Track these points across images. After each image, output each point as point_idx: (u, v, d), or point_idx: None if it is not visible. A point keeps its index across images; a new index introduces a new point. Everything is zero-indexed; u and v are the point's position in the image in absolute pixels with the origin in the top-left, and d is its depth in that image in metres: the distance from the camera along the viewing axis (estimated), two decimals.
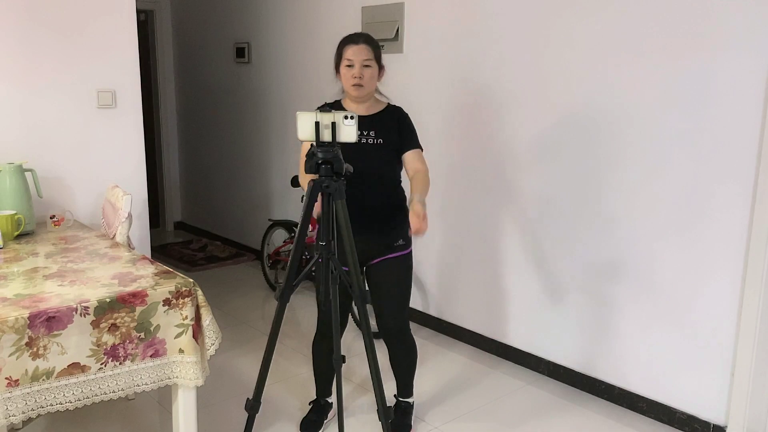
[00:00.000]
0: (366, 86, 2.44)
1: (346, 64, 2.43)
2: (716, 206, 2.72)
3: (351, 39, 2.47)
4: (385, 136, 2.48)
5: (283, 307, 2.04)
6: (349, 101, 2.55)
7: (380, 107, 2.56)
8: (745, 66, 2.57)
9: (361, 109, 2.52)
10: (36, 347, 2.05)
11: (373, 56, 2.44)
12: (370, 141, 2.47)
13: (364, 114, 2.51)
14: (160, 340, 2.31)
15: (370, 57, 2.43)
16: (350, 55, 2.42)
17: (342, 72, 2.47)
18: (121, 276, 2.41)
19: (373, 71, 2.45)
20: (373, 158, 2.45)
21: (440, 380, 3.39)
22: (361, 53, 2.40)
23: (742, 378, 2.72)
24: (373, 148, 2.47)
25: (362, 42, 2.44)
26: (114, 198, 3.11)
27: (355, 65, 2.40)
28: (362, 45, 2.43)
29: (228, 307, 4.42)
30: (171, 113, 6.32)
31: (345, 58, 2.44)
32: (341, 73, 2.48)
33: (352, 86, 2.43)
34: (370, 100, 2.54)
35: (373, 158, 2.45)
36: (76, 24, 3.36)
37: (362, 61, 2.40)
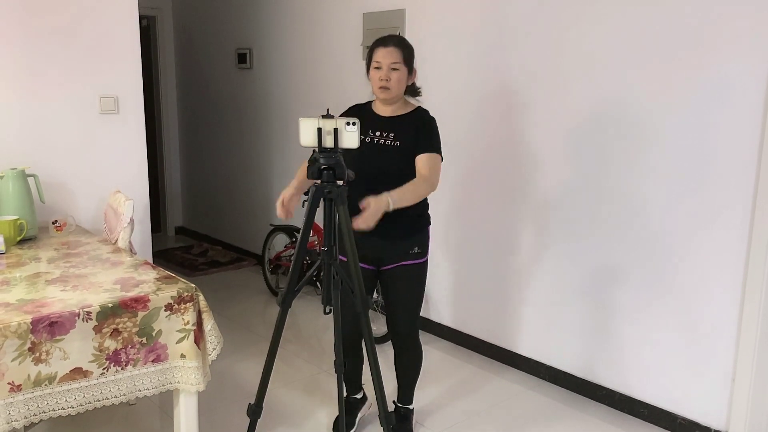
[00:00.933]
0: (393, 89, 2.42)
1: (375, 66, 2.42)
2: (718, 212, 2.72)
3: (381, 41, 2.45)
4: (403, 139, 2.46)
5: (285, 313, 2.05)
6: (378, 103, 2.55)
7: (408, 110, 2.54)
8: (749, 70, 2.58)
9: (388, 111, 2.52)
10: (38, 352, 2.05)
11: (401, 59, 2.42)
12: (389, 143, 2.46)
13: (389, 115, 2.51)
14: (162, 345, 2.31)
15: (399, 60, 2.40)
16: (379, 57, 2.41)
17: (371, 75, 2.46)
18: (123, 281, 2.42)
19: (401, 74, 2.42)
20: (391, 160, 2.43)
21: (440, 385, 3.39)
22: (390, 56, 2.39)
23: (742, 383, 2.72)
24: (391, 150, 2.46)
25: (392, 45, 2.42)
26: (116, 203, 3.12)
27: (383, 67, 2.39)
28: (391, 47, 2.41)
29: (229, 312, 4.42)
30: (172, 118, 6.33)
31: (374, 60, 2.43)
32: (370, 76, 2.47)
33: (379, 89, 2.42)
34: (399, 102, 2.52)
35: (392, 160, 2.43)
36: (79, 30, 3.37)
37: (390, 64, 2.39)
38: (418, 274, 2.61)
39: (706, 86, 2.70)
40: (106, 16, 3.43)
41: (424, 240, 2.60)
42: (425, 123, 2.52)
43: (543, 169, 3.33)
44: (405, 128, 2.47)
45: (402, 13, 3.92)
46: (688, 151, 2.78)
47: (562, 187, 3.26)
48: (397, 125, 2.45)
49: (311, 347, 3.87)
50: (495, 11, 3.44)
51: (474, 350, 3.80)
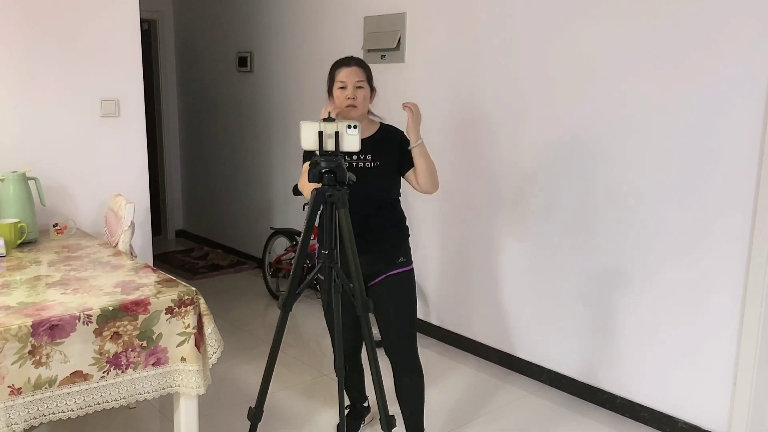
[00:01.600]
0: (359, 107, 2.44)
1: (339, 86, 2.44)
2: (718, 217, 2.72)
3: (343, 62, 2.49)
4: (382, 159, 2.47)
5: (285, 316, 2.05)
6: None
7: (374, 128, 2.55)
8: (746, 77, 2.58)
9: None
10: (39, 355, 2.05)
11: (365, 78, 2.46)
12: (367, 165, 2.46)
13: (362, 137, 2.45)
14: (162, 348, 2.31)
15: (363, 78, 2.45)
16: (343, 77, 2.44)
17: (335, 94, 2.47)
18: (123, 284, 2.42)
19: (366, 92, 2.46)
20: (370, 182, 2.42)
21: (440, 389, 3.39)
22: (354, 75, 2.43)
23: (744, 387, 2.72)
24: (370, 172, 2.45)
25: (354, 64, 2.47)
26: (117, 206, 3.12)
27: (348, 86, 2.42)
28: (354, 67, 2.45)
29: (230, 315, 4.42)
30: (173, 122, 6.34)
31: (338, 80, 2.45)
32: (335, 95, 2.48)
33: (346, 107, 2.43)
34: (364, 121, 2.52)
35: (371, 182, 2.42)
36: (80, 34, 3.38)
37: (355, 83, 2.42)
38: (407, 282, 2.58)
39: (705, 90, 2.70)
40: (107, 19, 3.43)
41: (407, 249, 2.61)
42: (402, 138, 2.53)
43: (544, 172, 3.33)
44: (383, 148, 2.48)
45: (403, 16, 3.93)
46: (689, 155, 2.78)
47: (562, 189, 3.26)
48: (372, 146, 2.46)
49: (312, 351, 3.87)
50: (496, 15, 3.44)
51: (474, 354, 3.80)
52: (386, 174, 2.48)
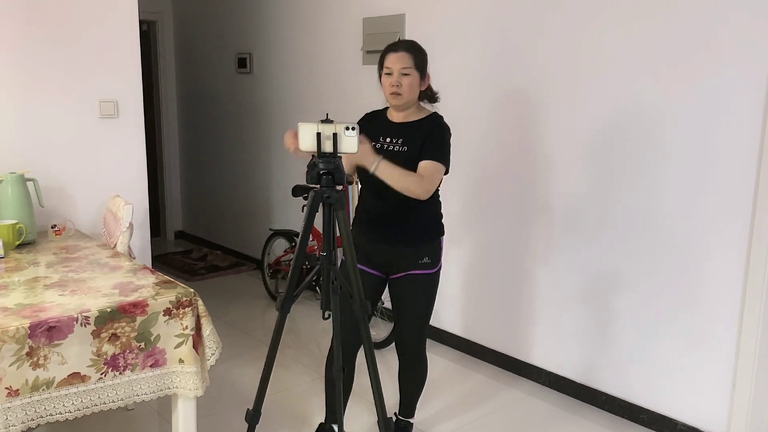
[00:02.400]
0: (405, 95, 2.37)
1: (386, 72, 2.38)
2: (718, 217, 2.72)
3: (391, 47, 2.42)
4: (410, 144, 2.41)
5: (283, 318, 2.04)
6: (392, 109, 2.51)
7: (422, 115, 2.48)
8: (746, 79, 2.58)
9: (399, 117, 2.48)
10: (36, 357, 2.05)
11: (413, 64, 2.37)
12: (397, 149, 2.41)
13: (401, 121, 2.47)
14: (161, 350, 2.31)
15: (410, 65, 2.36)
16: (389, 62, 2.37)
17: (383, 81, 2.42)
18: (121, 286, 2.41)
19: (413, 79, 2.37)
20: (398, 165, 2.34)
21: (442, 391, 3.38)
22: (400, 61, 2.35)
23: (743, 389, 2.72)
24: (399, 155, 2.40)
25: (402, 49, 2.38)
26: (115, 208, 3.11)
27: (393, 73, 2.36)
28: (402, 52, 2.37)
29: (228, 317, 4.41)
30: (172, 123, 6.33)
31: (385, 66, 2.39)
32: (382, 83, 2.43)
33: (390, 95, 2.38)
34: (412, 108, 2.47)
35: (398, 165, 2.34)
36: (79, 34, 3.38)
37: (400, 69, 2.34)
38: (428, 284, 2.54)
39: (708, 93, 2.70)
40: (106, 20, 3.43)
41: (435, 250, 2.53)
42: (435, 130, 2.44)
43: (548, 177, 3.33)
44: (414, 134, 2.41)
45: (402, 18, 3.93)
46: (691, 159, 2.78)
47: (566, 193, 3.26)
48: (406, 131, 2.41)
49: (310, 352, 3.86)
50: (499, 17, 3.44)
51: (475, 356, 3.79)
52: (411, 160, 2.37)
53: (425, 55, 2.44)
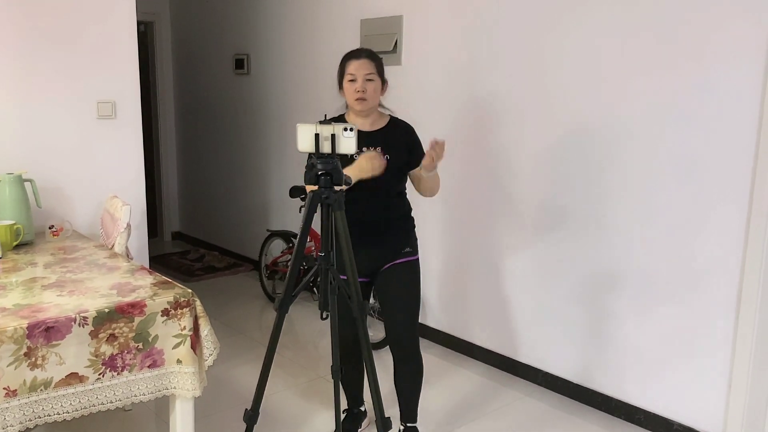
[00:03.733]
0: (369, 100, 2.44)
1: (349, 78, 2.43)
2: (714, 216, 2.73)
3: (353, 54, 2.48)
4: (392, 153, 2.48)
5: (282, 318, 2.05)
6: (353, 116, 2.54)
7: (384, 121, 2.56)
8: (740, 78, 2.59)
9: (366, 124, 2.51)
10: (34, 357, 2.05)
11: (375, 70, 2.45)
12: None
13: (368, 129, 2.51)
14: (159, 350, 2.31)
15: (373, 71, 2.44)
16: (352, 69, 2.42)
17: (345, 87, 2.47)
18: (119, 286, 2.42)
19: (376, 85, 2.45)
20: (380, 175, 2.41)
21: (436, 391, 3.39)
22: (364, 67, 2.42)
23: (739, 389, 2.73)
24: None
25: (364, 56, 2.45)
26: (113, 208, 3.12)
27: (357, 79, 2.40)
28: (364, 59, 2.44)
29: (226, 317, 4.41)
30: (169, 124, 6.33)
31: (347, 73, 2.44)
32: (344, 88, 2.48)
33: (356, 100, 2.42)
34: (374, 114, 2.53)
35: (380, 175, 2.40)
36: (77, 35, 3.38)
37: (365, 75, 2.41)
38: (412, 271, 2.62)
39: (700, 91, 2.71)
40: (104, 21, 3.43)
41: (413, 240, 2.65)
42: (411, 135, 2.57)
43: (540, 174, 3.34)
44: (392, 141, 2.50)
45: (399, 19, 3.94)
46: (684, 158, 2.79)
47: (558, 191, 3.27)
48: (383, 139, 2.47)
49: (308, 353, 3.87)
50: (494, 17, 3.45)
51: (470, 356, 3.80)
52: (395, 167, 2.48)
53: (383, 63, 2.54)
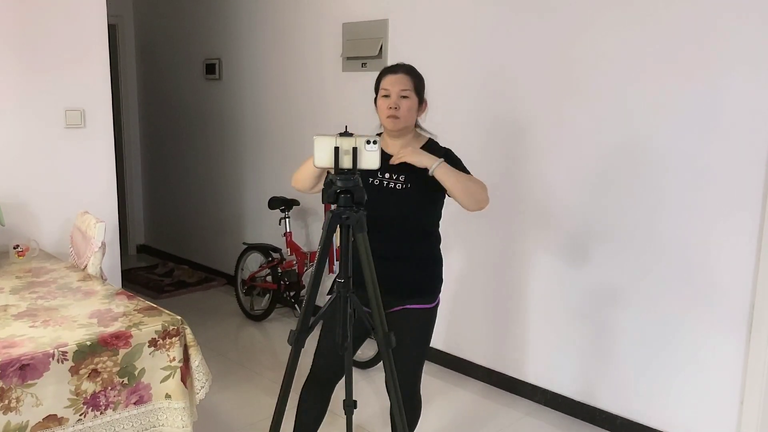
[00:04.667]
0: (403, 118, 2.20)
1: (383, 94, 2.22)
2: (724, 231, 2.66)
3: (390, 69, 2.28)
4: (415, 181, 2.22)
5: (297, 353, 1.84)
6: (387, 137, 2.30)
7: (420, 143, 2.31)
8: (752, 85, 2.53)
9: (396, 147, 2.26)
10: (7, 400, 1.83)
11: (412, 87, 2.23)
12: (399, 186, 2.22)
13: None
14: (145, 385, 2.11)
15: (409, 87, 2.21)
16: (387, 84, 2.22)
17: (378, 103, 2.25)
18: (99, 314, 2.20)
19: (412, 103, 2.22)
20: (400, 205, 2.19)
21: (433, 412, 3.24)
22: (399, 83, 2.21)
23: (751, 406, 2.65)
24: (399, 194, 2.21)
25: (402, 71, 2.24)
26: (85, 226, 2.87)
27: (391, 95, 2.20)
28: (401, 74, 2.23)
29: (201, 337, 4.14)
30: (134, 132, 6.05)
31: (382, 88, 2.24)
32: (378, 105, 2.26)
33: (387, 118, 2.21)
34: (409, 135, 2.29)
35: (401, 206, 2.19)
36: (42, 39, 3.14)
37: (399, 92, 2.19)
38: (425, 320, 2.32)
39: (710, 100, 2.64)
40: (72, 23, 3.20)
41: (434, 282, 2.34)
42: (449, 157, 2.27)
43: (539, 188, 3.23)
44: (417, 169, 2.19)
45: (385, 23, 3.79)
46: (691, 171, 2.72)
47: (558, 206, 3.17)
48: (407, 166, 2.17)
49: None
50: (482, 20, 3.34)
51: (468, 375, 3.66)
52: (418, 198, 2.21)
53: (423, 80, 2.31)
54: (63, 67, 3.21)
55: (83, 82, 3.28)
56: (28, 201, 3.19)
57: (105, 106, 3.36)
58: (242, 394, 3.38)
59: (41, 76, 3.16)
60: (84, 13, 3.23)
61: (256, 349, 4.06)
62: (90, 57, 3.28)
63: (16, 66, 3.09)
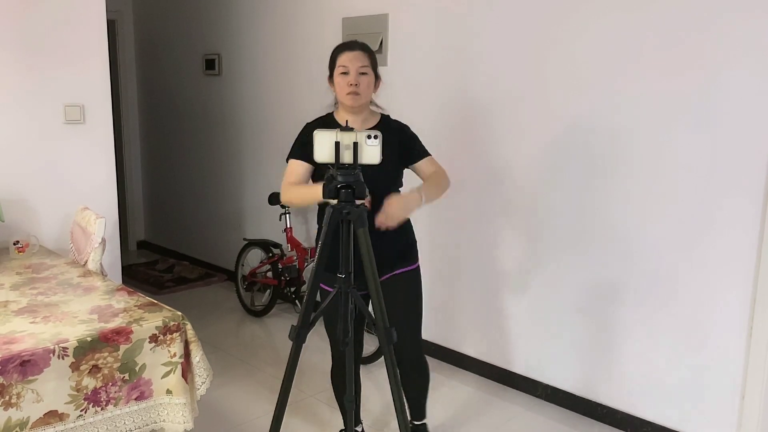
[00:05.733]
0: (362, 95, 2.27)
1: (341, 71, 2.26)
2: (724, 222, 2.65)
3: (346, 45, 2.32)
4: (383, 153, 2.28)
5: (299, 349, 1.84)
6: (343, 112, 2.36)
7: (375, 120, 2.39)
8: (750, 77, 2.51)
9: (357, 122, 2.34)
10: (8, 396, 1.83)
11: (369, 63, 2.29)
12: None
13: (358, 128, 2.32)
14: (146, 380, 2.11)
15: (367, 63, 2.27)
16: (345, 61, 2.25)
17: (336, 80, 2.29)
18: (99, 310, 2.20)
19: (369, 79, 2.29)
20: (372, 177, 2.20)
21: (431, 407, 3.23)
22: (358, 60, 2.25)
23: (752, 401, 2.65)
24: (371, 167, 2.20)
25: (358, 48, 2.29)
26: (85, 222, 2.87)
27: (350, 72, 2.24)
28: (358, 51, 2.28)
29: (201, 333, 4.14)
30: (133, 127, 6.03)
31: (339, 65, 2.27)
32: (335, 82, 2.30)
33: (347, 95, 2.25)
34: (365, 111, 2.37)
35: (372, 177, 2.20)
36: (42, 35, 3.12)
37: (358, 68, 2.24)
38: (413, 281, 2.47)
39: (707, 92, 2.62)
40: (71, 18, 3.19)
41: (412, 246, 2.51)
42: (405, 132, 2.43)
43: (537, 182, 3.22)
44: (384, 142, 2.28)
45: (385, 18, 3.77)
46: (688, 163, 2.70)
47: (557, 199, 3.16)
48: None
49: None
50: (483, 15, 3.32)
51: (467, 369, 3.65)
52: (388, 169, 2.29)
53: (376, 57, 2.38)
54: (62, 62, 3.19)
55: (82, 78, 3.26)
56: (28, 197, 3.18)
57: (104, 101, 3.34)
58: (243, 390, 3.38)
59: (40, 71, 3.15)
60: (83, 9, 3.21)
61: (256, 344, 4.06)
62: (89, 52, 3.26)
63: (15, 62, 3.08)
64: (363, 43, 2.36)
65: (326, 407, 3.19)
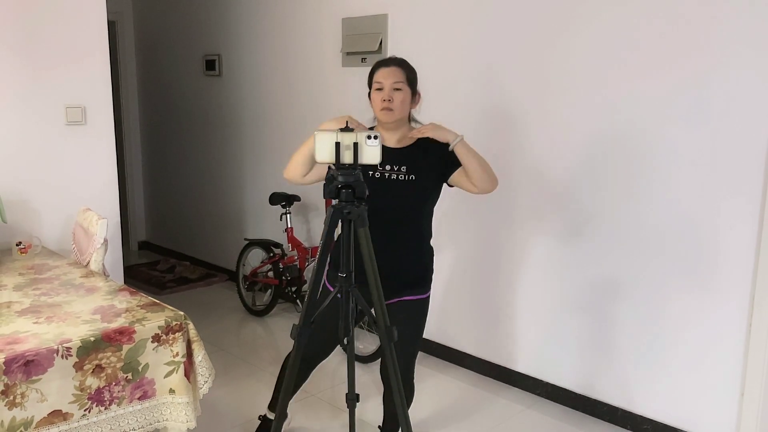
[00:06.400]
0: (396, 111, 2.23)
1: (376, 87, 2.25)
2: (723, 222, 2.66)
3: (383, 62, 2.31)
4: (419, 172, 2.26)
5: (300, 348, 1.86)
6: (381, 129, 2.32)
7: (413, 138, 2.33)
8: (750, 77, 2.53)
9: (392, 139, 2.30)
10: (12, 395, 1.85)
11: (405, 79, 2.26)
12: (401, 177, 2.25)
13: (394, 146, 2.30)
14: (149, 380, 2.13)
15: (401, 79, 2.24)
16: (380, 77, 2.24)
17: (372, 96, 2.28)
18: (102, 310, 2.21)
19: (405, 95, 2.25)
20: (405, 197, 2.22)
21: (434, 406, 3.25)
22: (392, 75, 2.23)
23: (752, 398, 2.66)
24: (402, 186, 2.24)
25: (393, 64, 2.28)
26: (87, 222, 2.88)
27: (384, 88, 2.22)
28: (393, 67, 2.26)
29: (202, 333, 4.16)
30: (134, 128, 6.05)
31: (375, 81, 2.26)
32: (372, 98, 2.29)
33: (381, 110, 2.24)
34: (403, 128, 2.32)
35: (406, 197, 2.22)
36: (43, 36, 3.13)
37: (392, 84, 2.22)
38: (421, 311, 2.39)
39: (707, 93, 2.63)
40: (72, 19, 3.20)
41: (428, 273, 2.41)
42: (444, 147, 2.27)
43: (538, 179, 3.23)
44: (421, 160, 2.27)
45: (384, 18, 3.78)
46: (691, 163, 2.71)
47: (558, 196, 3.17)
48: (409, 156, 2.25)
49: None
50: (484, 16, 3.33)
51: (467, 367, 3.67)
52: (421, 189, 2.26)
53: (416, 73, 2.34)
54: (63, 64, 3.21)
55: (84, 79, 3.27)
56: (30, 198, 3.19)
57: (106, 102, 3.36)
58: (245, 389, 3.40)
59: (42, 73, 3.16)
60: (84, 10, 3.22)
61: (258, 344, 4.08)
62: (90, 54, 3.27)
63: (16, 63, 3.09)
64: (401, 59, 2.33)
65: (328, 405, 3.21)
